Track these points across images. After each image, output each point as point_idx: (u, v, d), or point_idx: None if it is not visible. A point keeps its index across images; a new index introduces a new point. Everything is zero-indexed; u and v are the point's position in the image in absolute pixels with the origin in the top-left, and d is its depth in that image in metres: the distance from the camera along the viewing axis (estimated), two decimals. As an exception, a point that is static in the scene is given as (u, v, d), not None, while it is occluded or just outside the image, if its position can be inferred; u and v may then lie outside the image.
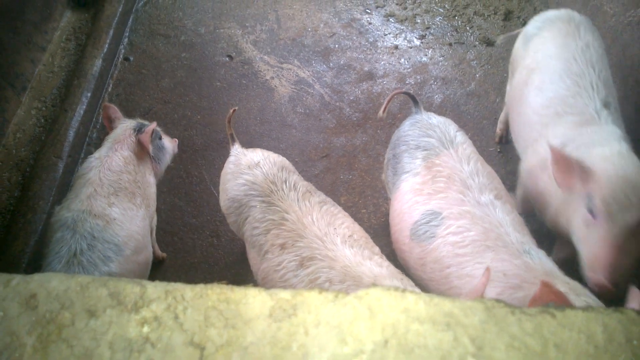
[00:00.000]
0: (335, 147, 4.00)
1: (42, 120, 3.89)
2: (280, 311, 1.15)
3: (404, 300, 1.10)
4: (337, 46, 4.65)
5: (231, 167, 2.75)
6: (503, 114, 3.80)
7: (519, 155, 3.03)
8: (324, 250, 2.27)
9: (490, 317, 1.06)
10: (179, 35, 4.72)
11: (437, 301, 1.09)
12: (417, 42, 4.65)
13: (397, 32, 4.74)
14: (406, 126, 2.82)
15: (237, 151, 2.82)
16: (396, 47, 4.62)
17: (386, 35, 4.73)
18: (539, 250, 2.24)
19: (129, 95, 4.31)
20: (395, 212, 2.64)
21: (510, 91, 3.34)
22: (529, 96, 2.89)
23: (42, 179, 3.52)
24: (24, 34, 3.93)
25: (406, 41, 4.67)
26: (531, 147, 2.82)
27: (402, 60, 4.53)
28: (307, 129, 4.12)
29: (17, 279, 1.25)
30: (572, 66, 2.76)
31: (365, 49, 4.63)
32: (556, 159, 2.34)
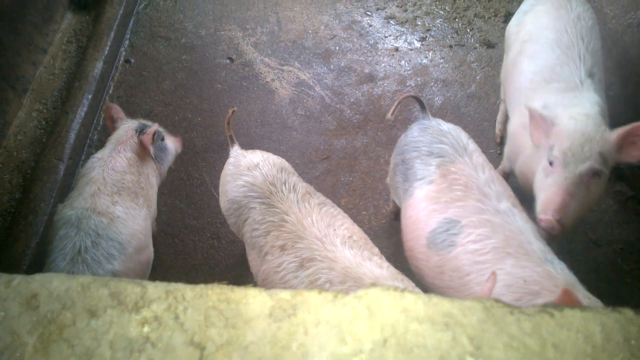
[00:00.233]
0: (336, 149, 4.01)
1: (43, 122, 3.90)
2: (280, 311, 1.15)
3: (403, 300, 1.11)
4: (337, 48, 4.65)
5: (231, 169, 2.75)
6: (500, 114, 3.84)
7: (510, 117, 3.24)
8: (323, 252, 2.27)
9: (489, 317, 1.06)
10: (180, 38, 4.73)
11: (436, 301, 1.09)
12: (417, 44, 4.66)
13: (397, 34, 4.75)
14: (415, 131, 2.82)
15: (236, 153, 2.82)
16: (397, 49, 4.62)
17: (387, 37, 4.74)
18: (561, 261, 2.25)
19: (130, 98, 4.32)
20: (410, 219, 2.62)
21: (505, 66, 3.49)
22: (522, 64, 3.10)
23: (43, 181, 3.52)
24: (25, 36, 3.94)
25: (407, 43, 4.68)
26: (518, 109, 3.03)
27: (403, 62, 4.54)
28: (308, 131, 4.13)
29: (18, 279, 1.25)
30: (563, 37, 2.97)
31: (366, 51, 4.64)
32: (532, 116, 2.59)
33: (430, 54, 4.58)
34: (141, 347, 1.12)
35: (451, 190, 2.47)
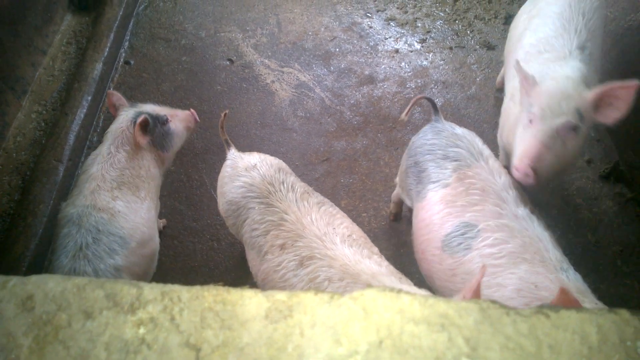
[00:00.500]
0: (336, 150, 4.01)
1: (43, 124, 3.90)
2: (276, 312, 1.15)
3: (399, 301, 1.10)
4: (337, 50, 4.66)
5: (228, 170, 2.76)
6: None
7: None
8: (323, 250, 2.27)
9: (485, 318, 1.06)
10: (180, 39, 4.74)
11: (432, 302, 1.09)
12: (417, 46, 4.66)
13: (397, 36, 4.75)
14: (429, 134, 2.81)
15: (233, 155, 2.83)
16: (397, 50, 4.62)
17: (387, 39, 4.74)
18: (576, 273, 2.23)
19: (130, 99, 4.29)
20: (423, 222, 2.61)
21: (509, 38, 3.54)
22: (524, 38, 3.18)
23: (43, 182, 3.52)
24: (24, 37, 3.94)
25: (407, 45, 4.68)
26: (511, 81, 3.11)
27: (403, 64, 4.54)
28: (308, 132, 4.13)
29: (14, 280, 1.25)
30: (565, 12, 3.04)
31: (366, 52, 4.64)
32: (519, 77, 2.65)
33: (431, 55, 4.58)
34: (137, 348, 1.11)
35: (468, 194, 2.47)
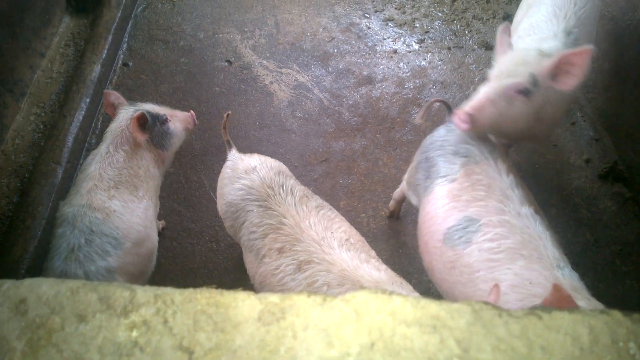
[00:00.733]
0: (335, 151, 4.01)
1: (41, 126, 3.90)
2: (269, 315, 1.15)
3: (391, 303, 1.10)
4: (336, 51, 4.66)
5: (228, 172, 2.76)
6: None
7: None
8: (321, 254, 2.27)
9: (477, 319, 1.06)
10: (178, 41, 4.74)
11: (423, 304, 1.09)
12: (416, 46, 4.66)
13: (396, 36, 4.75)
14: (442, 132, 2.85)
15: (234, 156, 2.82)
16: (395, 51, 4.62)
17: (385, 39, 4.74)
18: (573, 271, 2.24)
19: (128, 101, 4.31)
20: (428, 215, 2.64)
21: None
22: (520, 25, 3.29)
23: (41, 184, 3.52)
24: (22, 39, 3.95)
25: (405, 45, 4.68)
26: None
27: (401, 64, 4.53)
28: (306, 133, 4.13)
29: (7, 283, 1.25)
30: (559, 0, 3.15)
31: (364, 53, 4.64)
32: (497, 42, 2.79)
33: (429, 56, 4.58)
34: (130, 351, 1.11)
35: (473, 189, 2.49)
